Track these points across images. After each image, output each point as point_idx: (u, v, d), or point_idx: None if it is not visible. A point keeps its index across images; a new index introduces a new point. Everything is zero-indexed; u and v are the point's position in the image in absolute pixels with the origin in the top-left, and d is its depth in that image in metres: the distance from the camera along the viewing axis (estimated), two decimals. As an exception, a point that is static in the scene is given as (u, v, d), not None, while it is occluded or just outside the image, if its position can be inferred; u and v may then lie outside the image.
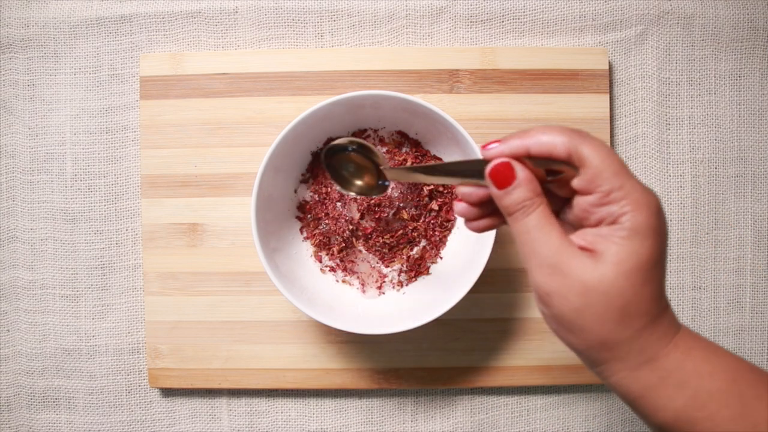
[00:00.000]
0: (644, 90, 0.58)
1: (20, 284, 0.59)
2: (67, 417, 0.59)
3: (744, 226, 0.59)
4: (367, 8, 0.58)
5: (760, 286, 0.59)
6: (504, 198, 0.33)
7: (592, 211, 0.32)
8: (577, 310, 0.31)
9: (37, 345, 0.59)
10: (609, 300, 0.31)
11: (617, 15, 0.58)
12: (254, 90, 0.57)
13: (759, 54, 0.59)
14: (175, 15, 0.58)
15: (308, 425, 0.59)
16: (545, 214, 0.33)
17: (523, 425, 0.59)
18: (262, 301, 0.57)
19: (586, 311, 0.31)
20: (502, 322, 0.57)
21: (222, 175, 0.57)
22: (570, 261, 0.31)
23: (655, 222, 0.31)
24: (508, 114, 0.57)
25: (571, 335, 0.32)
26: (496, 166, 0.33)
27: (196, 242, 0.57)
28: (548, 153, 0.32)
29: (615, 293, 0.30)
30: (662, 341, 0.31)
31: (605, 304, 0.31)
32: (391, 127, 0.55)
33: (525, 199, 0.33)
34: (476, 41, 0.59)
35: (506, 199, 0.33)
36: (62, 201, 0.59)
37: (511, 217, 0.33)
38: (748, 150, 0.59)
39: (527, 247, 0.32)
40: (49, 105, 0.59)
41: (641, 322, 0.31)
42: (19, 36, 0.58)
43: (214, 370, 0.57)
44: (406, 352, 0.57)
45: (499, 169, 0.33)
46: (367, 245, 0.55)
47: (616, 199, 0.31)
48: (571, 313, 0.31)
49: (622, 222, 0.31)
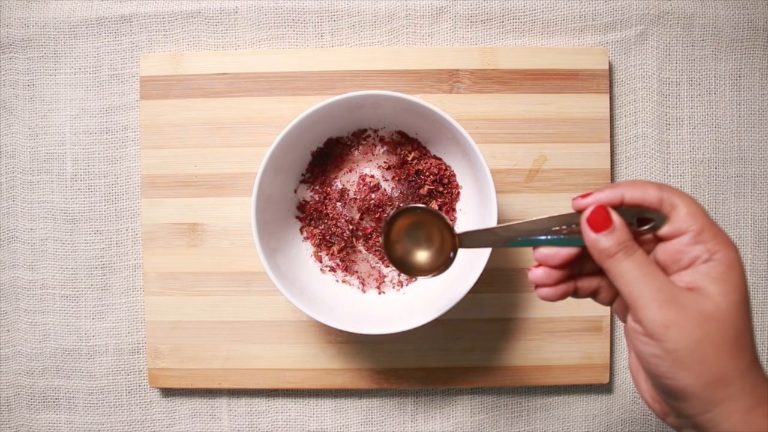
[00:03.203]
0: (644, 90, 0.58)
1: (20, 284, 0.59)
2: (67, 417, 0.59)
3: (744, 226, 0.59)
4: (367, 8, 0.58)
5: (760, 286, 0.59)
6: (603, 241, 0.34)
7: (684, 251, 0.33)
8: (696, 340, 0.31)
9: (37, 345, 0.59)
10: (725, 330, 0.31)
11: (617, 15, 0.58)
12: (254, 90, 0.57)
13: (759, 54, 0.59)
14: (175, 15, 0.58)
15: (308, 425, 0.59)
16: (646, 255, 0.34)
17: (523, 425, 0.59)
18: (262, 301, 0.57)
19: (705, 341, 0.31)
20: (502, 322, 0.57)
21: (222, 175, 0.57)
22: (683, 294, 0.32)
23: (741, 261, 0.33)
24: (508, 114, 0.57)
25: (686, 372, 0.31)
26: (595, 210, 0.34)
27: (196, 242, 0.57)
28: (641, 200, 0.34)
29: (729, 324, 0.31)
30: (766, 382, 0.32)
31: (722, 333, 0.31)
32: (391, 127, 0.55)
33: (625, 240, 0.34)
34: (476, 41, 0.59)
35: (605, 241, 0.34)
36: (62, 201, 0.59)
37: (613, 259, 0.34)
38: (748, 150, 0.59)
39: (637, 285, 0.33)
40: (49, 105, 0.59)
41: (750, 357, 0.31)
42: (19, 36, 0.58)
43: (214, 370, 0.57)
44: (406, 352, 0.57)
45: (598, 211, 0.34)
46: (367, 245, 0.55)
47: (707, 238, 0.33)
48: (690, 345, 0.31)
49: (717, 258, 0.32)
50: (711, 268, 0.32)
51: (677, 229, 0.33)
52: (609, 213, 0.34)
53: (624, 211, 0.35)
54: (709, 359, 0.31)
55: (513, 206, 0.57)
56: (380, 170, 0.55)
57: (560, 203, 0.57)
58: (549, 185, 0.57)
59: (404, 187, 0.55)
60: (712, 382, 0.31)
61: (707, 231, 0.33)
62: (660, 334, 0.31)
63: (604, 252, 0.34)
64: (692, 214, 0.33)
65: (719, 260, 0.32)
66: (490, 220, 0.49)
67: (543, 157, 0.57)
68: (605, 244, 0.34)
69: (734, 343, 0.31)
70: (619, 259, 0.33)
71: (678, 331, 0.31)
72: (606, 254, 0.34)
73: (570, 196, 0.57)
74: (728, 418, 0.31)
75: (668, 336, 0.31)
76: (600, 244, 0.34)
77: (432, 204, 0.55)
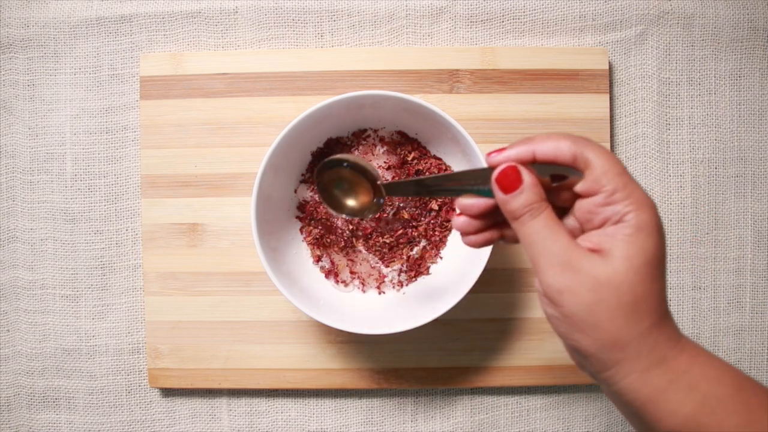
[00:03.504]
0: (644, 90, 0.58)
1: (20, 284, 0.59)
2: (67, 417, 0.59)
3: (744, 226, 0.59)
4: (367, 8, 0.58)
5: (760, 286, 0.59)
6: (511, 202, 0.33)
7: (596, 212, 0.33)
8: (589, 305, 0.31)
9: (37, 345, 0.59)
10: (621, 295, 0.31)
11: (617, 15, 0.58)
12: (254, 90, 0.57)
13: (759, 54, 0.59)
14: (175, 15, 0.58)
15: (308, 425, 0.59)
16: (552, 216, 0.33)
17: (523, 425, 0.59)
18: (262, 301, 0.57)
19: (598, 307, 0.31)
20: (502, 322, 0.57)
21: (222, 175, 0.57)
22: (581, 258, 0.32)
23: (657, 221, 0.32)
24: (508, 114, 0.57)
25: (582, 335, 0.32)
26: (503, 170, 0.34)
27: (196, 242, 0.57)
28: (553, 157, 0.33)
29: (626, 288, 0.31)
30: (670, 342, 0.31)
31: (617, 299, 0.31)
32: (391, 127, 0.55)
33: (533, 201, 0.33)
34: (476, 41, 0.59)
35: (513, 202, 0.33)
36: (62, 201, 0.59)
37: (519, 220, 0.33)
38: (748, 150, 0.59)
39: (536, 248, 0.33)
40: (49, 105, 0.59)
41: (651, 320, 0.31)
42: (19, 36, 0.58)
43: (214, 370, 0.57)
44: (406, 352, 0.57)
45: (507, 172, 0.33)
46: (367, 245, 0.55)
47: (620, 198, 0.32)
48: (583, 310, 0.31)
49: (628, 220, 0.32)
50: (618, 230, 0.32)
51: (590, 188, 0.33)
52: (519, 173, 0.33)
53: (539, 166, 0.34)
54: (604, 324, 0.31)
55: (513, 206, 0.57)
56: (380, 170, 0.55)
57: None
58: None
59: (404, 187, 0.55)
60: (607, 345, 0.31)
61: (621, 191, 0.32)
62: (556, 299, 0.32)
63: (511, 213, 0.34)
64: (606, 173, 0.32)
65: (628, 222, 0.31)
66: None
67: (543, 157, 0.57)
68: (513, 205, 0.33)
69: (631, 308, 0.31)
70: (524, 221, 0.33)
71: (571, 296, 0.31)
72: (512, 215, 0.34)
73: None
74: (625, 378, 0.31)
75: (563, 301, 0.32)
76: (508, 206, 0.34)
77: (432, 204, 0.55)
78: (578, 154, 0.33)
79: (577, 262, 0.31)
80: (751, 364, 0.59)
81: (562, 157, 0.33)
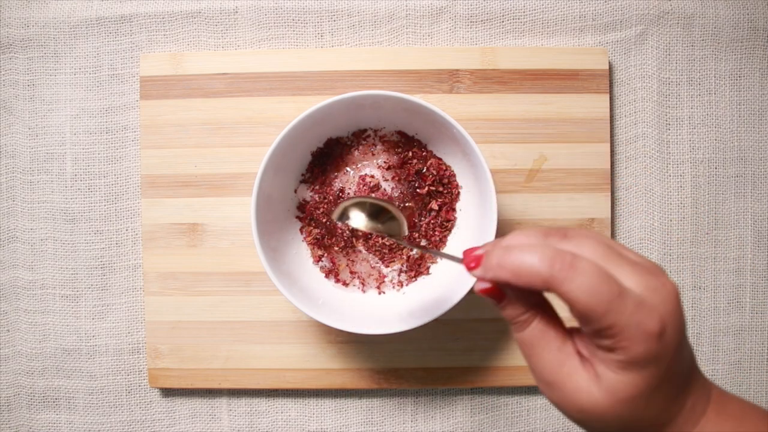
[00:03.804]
0: (644, 90, 0.58)
1: (20, 284, 0.59)
2: (67, 417, 0.59)
3: (744, 226, 0.59)
4: (367, 8, 0.58)
5: (760, 286, 0.59)
6: (501, 312, 0.33)
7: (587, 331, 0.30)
8: (578, 421, 0.31)
9: (37, 345, 0.59)
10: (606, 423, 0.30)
11: (617, 15, 0.58)
12: (254, 90, 0.57)
13: (759, 54, 0.59)
14: (175, 15, 0.58)
15: (308, 425, 0.59)
16: (540, 327, 0.32)
17: (523, 425, 0.59)
18: (262, 301, 0.57)
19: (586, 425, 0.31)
20: (502, 322, 0.57)
21: (222, 175, 0.57)
22: (566, 380, 0.31)
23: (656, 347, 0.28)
24: (508, 114, 0.57)
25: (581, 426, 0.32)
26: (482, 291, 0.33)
27: (196, 242, 0.57)
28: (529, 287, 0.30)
29: (611, 418, 0.30)
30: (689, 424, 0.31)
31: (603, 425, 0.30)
32: (391, 127, 0.55)
33: (516, 316, 0.32)
34: (476, 41, 0.59)
35: (502, 312, 0.33)
36: (62, 201, 0.59)
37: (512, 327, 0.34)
38: (748, 150, 0.59)
39: (527, 359, 0.33)
40: (49, 105, 0.59)
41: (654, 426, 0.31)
42: (19, 36, 0.58)
43: (214, 370, 0.57)
44: (406, 352, 0.57)
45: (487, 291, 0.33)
46: (367, 245, 0.55)
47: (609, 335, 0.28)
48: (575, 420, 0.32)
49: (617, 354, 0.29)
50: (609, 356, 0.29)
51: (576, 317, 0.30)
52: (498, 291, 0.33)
53: None
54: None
55: (513, 206, 0.57)
56: (380, 170, 0.55)
57: (560, 203, 0.57)
58: (549, 185, 0.57)
59: (404, 187, 0.55)
60: None
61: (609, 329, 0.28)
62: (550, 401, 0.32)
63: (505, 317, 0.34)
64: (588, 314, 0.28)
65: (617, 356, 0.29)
66: (490, 220, 0.49)
67: (543, 157, 0.57)
68: (502, 315, 0.33)
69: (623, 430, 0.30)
70: (514, 330, 0.33)
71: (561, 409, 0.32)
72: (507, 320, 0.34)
73: (570, 196, 0.57)
74: None
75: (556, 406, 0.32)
76: (501, 312, 0.34)
77: (432, 204, 0.55)
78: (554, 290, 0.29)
79: (562, 384, 0.31)
80: (751, 364, 0.59)
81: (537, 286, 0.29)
